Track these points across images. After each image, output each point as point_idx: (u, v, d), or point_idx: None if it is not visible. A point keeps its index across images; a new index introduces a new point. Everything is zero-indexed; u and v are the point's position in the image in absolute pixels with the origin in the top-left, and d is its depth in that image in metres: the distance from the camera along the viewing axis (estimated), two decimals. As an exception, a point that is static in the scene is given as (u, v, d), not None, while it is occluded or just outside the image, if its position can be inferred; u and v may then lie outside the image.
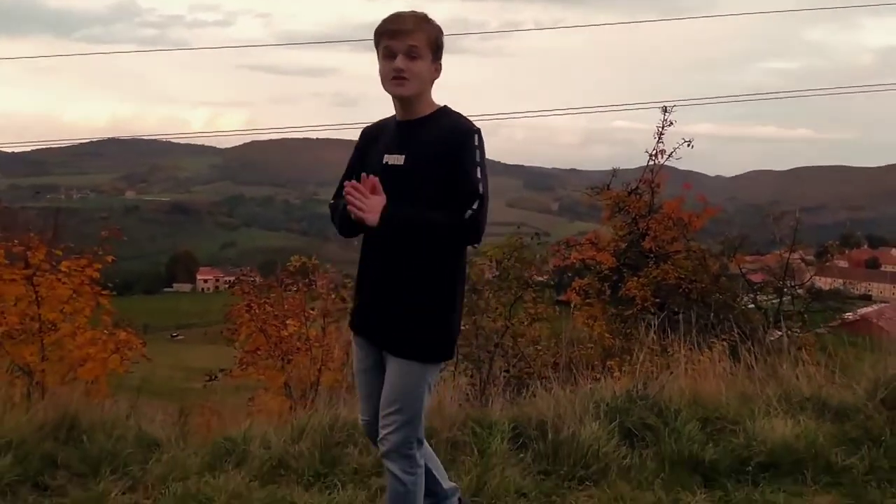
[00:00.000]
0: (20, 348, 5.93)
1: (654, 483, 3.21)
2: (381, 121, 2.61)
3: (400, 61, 2.36)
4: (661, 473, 3.30)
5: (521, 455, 3.48)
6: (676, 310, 7.80)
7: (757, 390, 4.02)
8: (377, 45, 2.44)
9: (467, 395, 4.10)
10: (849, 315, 12.41)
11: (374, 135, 2.57)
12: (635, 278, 9.23)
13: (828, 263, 12.59)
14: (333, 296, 8.08)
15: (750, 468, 3.29)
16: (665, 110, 10.21)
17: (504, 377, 4.85)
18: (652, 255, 9.69)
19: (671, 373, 4.05)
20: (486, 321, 5.94)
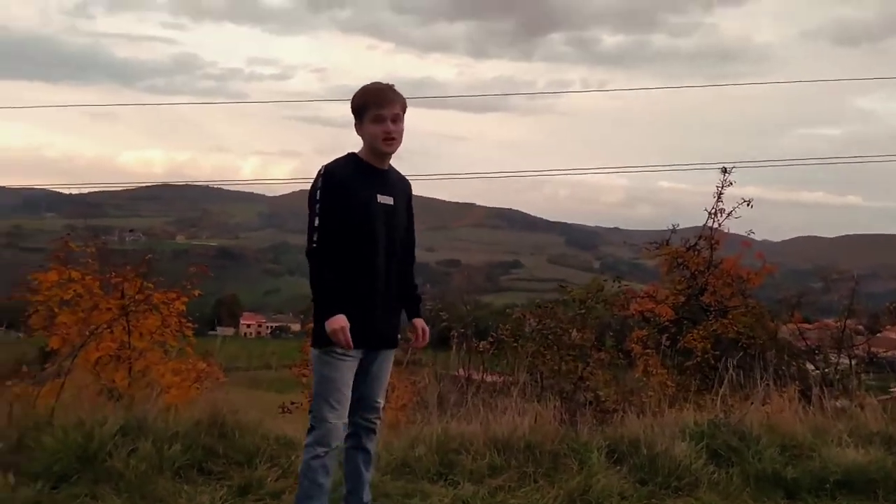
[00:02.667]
0: (111, 372, 6.55)
1: (742, 494, 3.63)
2: (342, 163, 3.03)
3: (391, 125, 2.94)
4: (746, 488, 3.72)
5: (619, 467, 3.93)
6: (737, 364, 8.13)
7: (829, 424, 4.42)
8: (364, 111, 2.96)
9: (561, 416, 4.55)
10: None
11: (349, 174, 2.99)
12: (695, 331, 9.59)
13: (879, 333, 12.64)
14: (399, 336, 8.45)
15: (828, 485, 3.68)
16: (724, 171, 10.72)
17: (588, 408, 5.28)
18: (711, 310, 10.05)
19: (752, 403, 4.48)
20: (568, 359, 6.38)
